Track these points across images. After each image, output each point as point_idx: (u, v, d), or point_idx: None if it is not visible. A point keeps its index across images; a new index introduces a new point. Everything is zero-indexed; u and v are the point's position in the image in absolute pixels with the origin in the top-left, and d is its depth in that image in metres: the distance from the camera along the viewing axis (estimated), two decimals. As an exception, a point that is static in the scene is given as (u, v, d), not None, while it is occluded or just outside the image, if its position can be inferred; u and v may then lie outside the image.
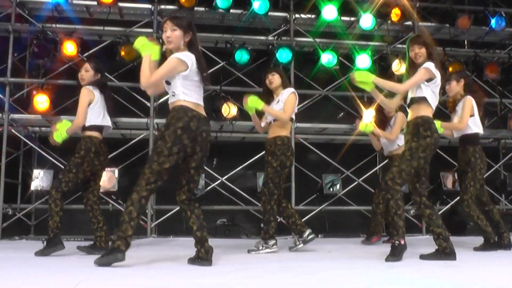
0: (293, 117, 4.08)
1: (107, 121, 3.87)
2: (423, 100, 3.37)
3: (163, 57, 3.08)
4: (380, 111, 4.91)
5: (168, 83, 3.05)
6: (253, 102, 3.89)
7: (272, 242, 3.90)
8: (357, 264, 3.12)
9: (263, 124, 4.18)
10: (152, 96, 5.65)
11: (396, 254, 3.21)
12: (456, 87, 4.21)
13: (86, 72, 3.85)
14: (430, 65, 3.35)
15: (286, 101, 3.96)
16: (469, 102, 4.09)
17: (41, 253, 3.55)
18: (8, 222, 5.37)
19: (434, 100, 3.40)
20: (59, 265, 3.14)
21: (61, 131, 3.71)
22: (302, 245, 3.96)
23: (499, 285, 2.41)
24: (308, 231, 3.96)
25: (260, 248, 3.89)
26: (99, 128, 3.79)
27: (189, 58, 2.98)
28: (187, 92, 3.00)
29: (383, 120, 4.97)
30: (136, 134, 5.78)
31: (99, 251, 3.57)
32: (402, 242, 3.26)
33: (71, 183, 3.69)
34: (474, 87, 4.34)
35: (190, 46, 3.08)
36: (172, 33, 3.04)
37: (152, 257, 3.55)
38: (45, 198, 5.50)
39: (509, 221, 5.94)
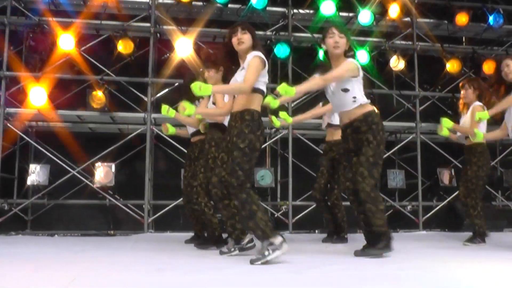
0: (263, 88, 3.11)
1: None
2: None
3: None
4: None
5: (346, 90, 3.20)
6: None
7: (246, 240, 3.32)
8: (353, 259, 3.12)
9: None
10: (149, 91, 5.64)
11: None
12: (471, 94, 4.36)
13: None
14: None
15: (248, 66, 3.04)
16: (475, 109, 4.20)
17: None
18: (4, 217, 5.35)
19: None
20: (55, 260, 3.13)
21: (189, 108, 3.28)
22: (237, 252, 3.31)
23: (494, 281, 2.42)
24: (247, 239, 3.33)
25: (232, 250, 3.33)
26: None
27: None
28: (362, 95, 3.23)
29: None
30: (134, 128, 5.76)
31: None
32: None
33: None
34: (487, 95, 4.39)
35: None
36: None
37: (148, 252, 3.54)
38: (43, 194, 5.51)
39: (505, 217, 5.98)
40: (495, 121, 4.30)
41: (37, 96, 5.28)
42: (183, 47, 5.58)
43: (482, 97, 4.33)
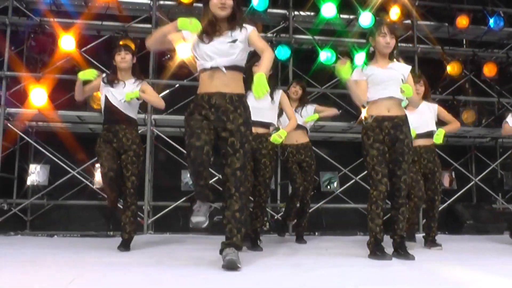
0: None
1: None
2: None
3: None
4: None
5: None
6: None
7: None
8: (353, 262, 3.12)
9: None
10: (150, 92, 5.63)
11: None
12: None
13: None
14: None
15: (259, 38, 2.77)
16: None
17: None
18: (3, 217, 5.35)
19: None
20: (54, 261, 3.12)
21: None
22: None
23: (496, 284, 2.41)
24: None
25: None
26: None
27: None
28: None
29: None
30: (133, 129, 5.74)
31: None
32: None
33: None
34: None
35: None
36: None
37: (148, 254, 3.54)
38: (42, 194, 5.51)
39: (505, 220, 5.97)
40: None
41: (38, 96, 5.29)
42: (185, 48, 5.57)
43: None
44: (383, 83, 3.27)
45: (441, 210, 6.09)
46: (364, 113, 3.44)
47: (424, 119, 4.10)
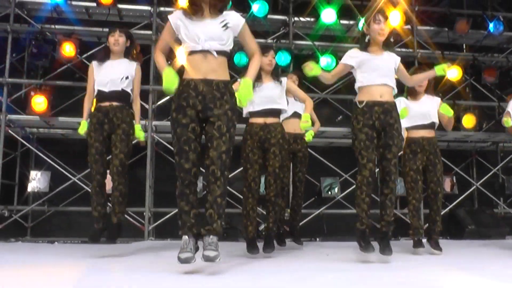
0: None
1: None
2: None
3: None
4: None
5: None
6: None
7: None
8: (354, 268, 3.11)
9: None
10: (150, 98, 5.65)
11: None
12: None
13: None
14: None
15: (246, 31, 2.87)
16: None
17: None
18: (4, 224, 5.34)
19: None
20: (54, 268, 3.11)
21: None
22: None
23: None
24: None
25: None
26: None
27: None
28: None
29: None
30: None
31: None
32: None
33: None
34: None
35: None
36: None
37: (149, 260, 3.52)
38: (43, 201, 5.51)
39: (507, 224, 5.95)
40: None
41: (39, 102, 5.30)
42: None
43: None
44: (377, 70, 3.31)
45: (443, 215, 6.07)
46: (356, 98, 3.42)
47: (427, 110, 4.09)
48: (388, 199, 3.26)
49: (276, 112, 3.75)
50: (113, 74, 3.63)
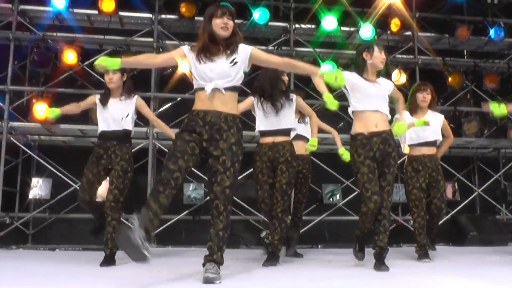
0: None
1: None
2: None
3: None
4: None
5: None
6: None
7: None
8: (357, 274, 3.09)
9: None
10: (152, 105, 5.66)
11: None
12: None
13: None
14: None
15: (267, 57, 2.90)
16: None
17: None
18: (5, 231, 5.33)
19: None
20: (56, 274, 3.10)
21: None
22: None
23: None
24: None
25: None
26: None
27: None
28: None
29: None
30: (136, 143, 5.75)
31: None
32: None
33: None
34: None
35: None
36: None
37: (150, 267, 3.51)
38: (44, 208, 5.51)
39: (509, 230, 5.93)
40: None
41: (40, 110, 5.31)
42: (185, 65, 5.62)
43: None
44: (371, 97, 3.36)
45: (445, 221, 6.05)
46: (352, 129, 3.43)
47: (431, 127, 4.10)
48: (382, 225, 3.32)
49: (285, 132, 3.79)
50: (114, 114, 3.74)
